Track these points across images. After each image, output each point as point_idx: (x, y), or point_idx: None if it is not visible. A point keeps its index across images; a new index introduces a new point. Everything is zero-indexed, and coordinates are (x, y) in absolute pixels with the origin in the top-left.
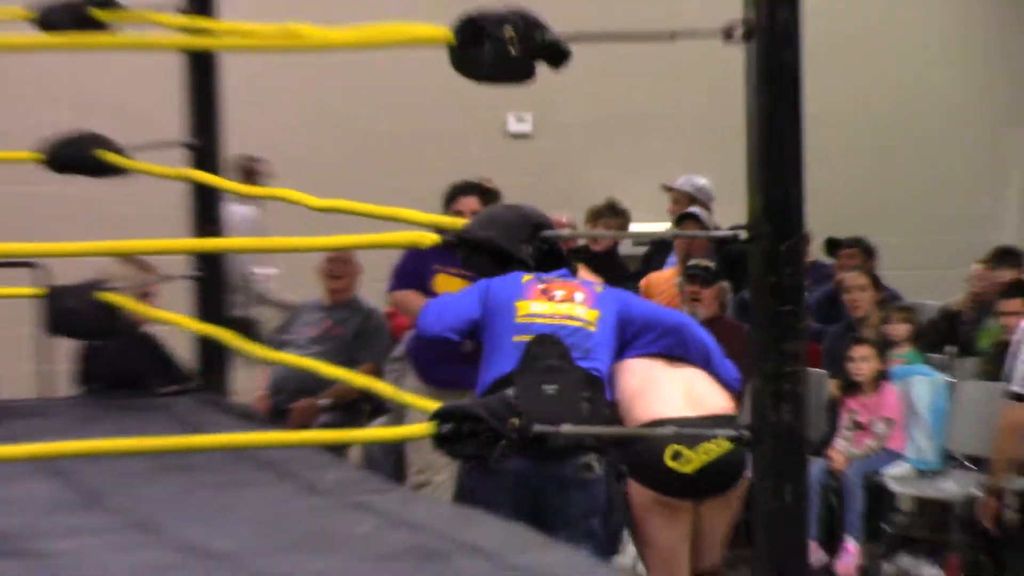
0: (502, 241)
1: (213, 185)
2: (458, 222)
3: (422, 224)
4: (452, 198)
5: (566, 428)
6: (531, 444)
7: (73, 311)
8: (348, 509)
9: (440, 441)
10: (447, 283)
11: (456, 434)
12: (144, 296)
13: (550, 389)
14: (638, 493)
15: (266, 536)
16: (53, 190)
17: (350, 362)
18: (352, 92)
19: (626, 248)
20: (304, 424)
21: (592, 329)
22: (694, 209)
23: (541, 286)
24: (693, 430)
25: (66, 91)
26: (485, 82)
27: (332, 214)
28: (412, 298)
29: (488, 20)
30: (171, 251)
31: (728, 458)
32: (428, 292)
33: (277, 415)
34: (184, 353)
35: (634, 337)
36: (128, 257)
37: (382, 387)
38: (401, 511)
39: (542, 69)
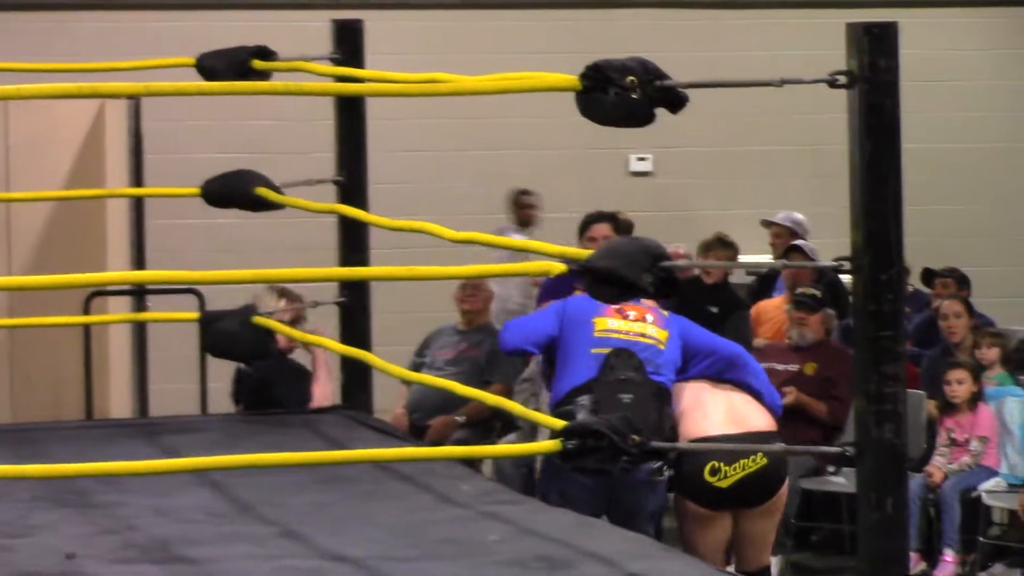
0: (623, 270)
1: (359, 218)
2: (583, 253)
3: (551, 255)
4: (586, 226)
5: (683, 445)
6: (650, 458)
7: (230, 334)
8: (480, 519)
9: (565, 456)
10: None
11: (580, 450)
12: (294, 322)
13: (626, 398)
14: (680, 503)
15: (403, 544)
16: (212, 223)
17: (483, 383)
18: (487, 133)
19: (736, 277)
20: (440, 440)
21: (662, 347)
22: (801, 242)
23: (616, 305)
24: (736, 446)
25: (226, 132)
26: (609, 125)
27: (467, 245)
28: None
29: (612, 69)
30: (319, 279)
31: (764, 472)
32: None
33: (416, 431)
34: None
35: (692, 360)
36: (278, 285)
37: (512, 406)
38: (529, 521)
39: (661, 112)
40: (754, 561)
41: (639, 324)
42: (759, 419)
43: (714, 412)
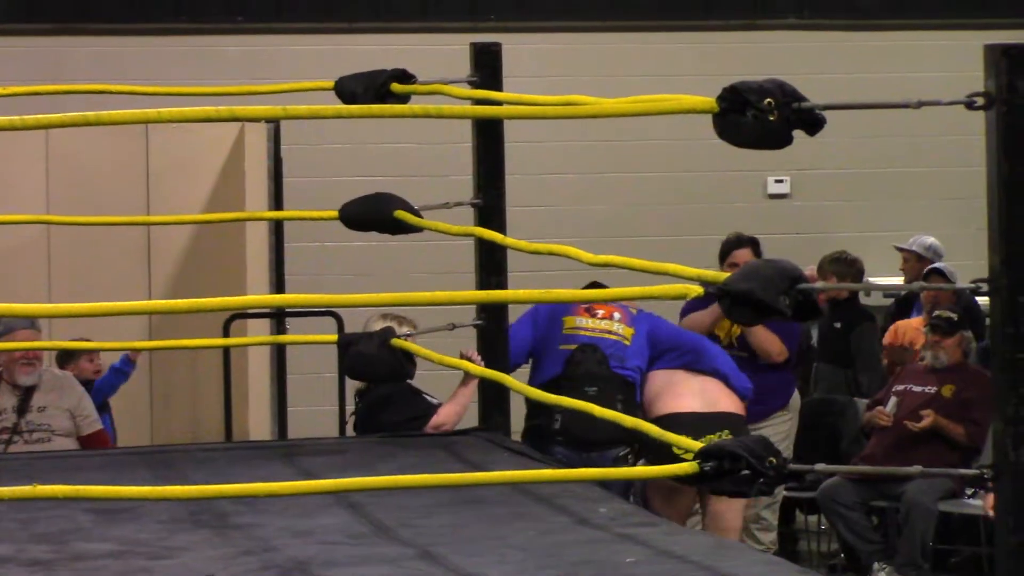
0: (761, 293)
1: (497, 241)
2: (721, 275)
3: (689, 278)
4: (728, 251)
5: (820, 467)
6: (786, 480)
7: (368, 357)
8: (617, 541)
9: (701, 478)
10: None
11: (718, 472)
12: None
13: (591, 391)
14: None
15: (540, 565)
16: (351, 246)
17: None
18: (625, 156)
19: (873, 300)
20: None
21: (627, 343)
22: (941, 264)
23: (585, 304)
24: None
25: (365, 155)
26: (746, 147)
27: (605, 268)
28: (698, 317)
29: (750, 91)
30: (457, 302)
31: None
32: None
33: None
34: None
35: (661, 353)
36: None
37: (650, 428)
38: (666, 543)
39: (798, 134)
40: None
41: (606, 321)
42: (728, 402)
43: (686, 392)
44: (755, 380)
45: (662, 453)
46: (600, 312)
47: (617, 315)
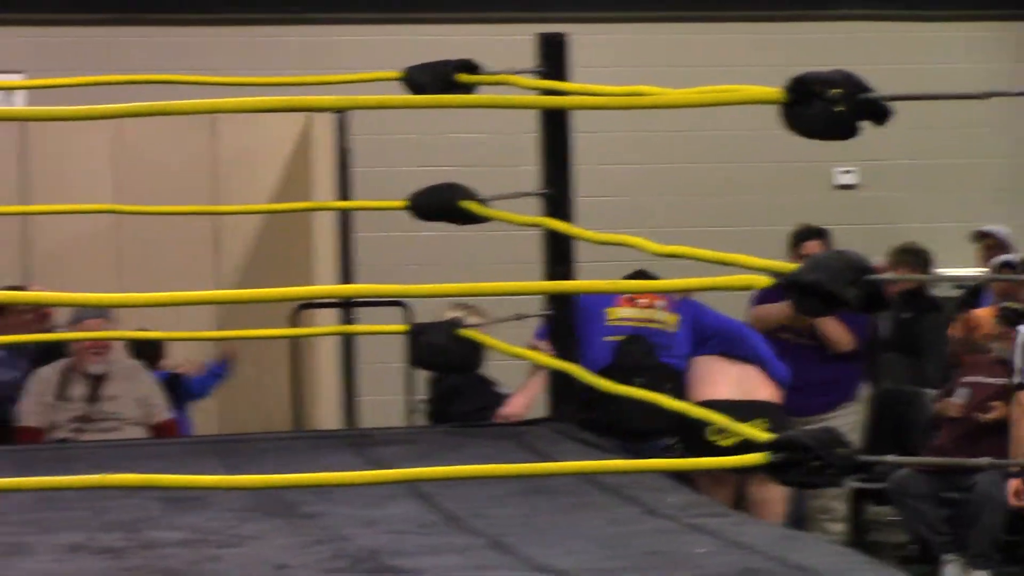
0: (829, 284)
1: (564, 231)
2: (789, 266)
3: (756, 268)
4: (798, 242)
5: (890, 458)
6: (856, 471)
7: (437, 346)
8: (686, 531)
9: (772, 469)
10: None
11: (787, 463)
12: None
13: (639, 381)
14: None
15: (609, 556)
16: (418, 236)
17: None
18: (692, 147)
19: (942, 291)
20: None
21: (672, 331)
22: (1010, 256)
23: (628, 294)
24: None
25: (432, 145)
26: (813, 138)
27: (673, 259)
28: (768, 308)
29: (816, 81)
30: (525, 292)
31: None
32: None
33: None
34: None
35: (705, 340)
36: (465, 300)
37: (718, 418)
38: (735, 533)
39: (866, 124)
40: None
41: (649, 310)
42: (765, 391)
43: (723, 380)
44: (823, 370)
45: (695, 440)
46: (642, 301)
47: (660, 303)
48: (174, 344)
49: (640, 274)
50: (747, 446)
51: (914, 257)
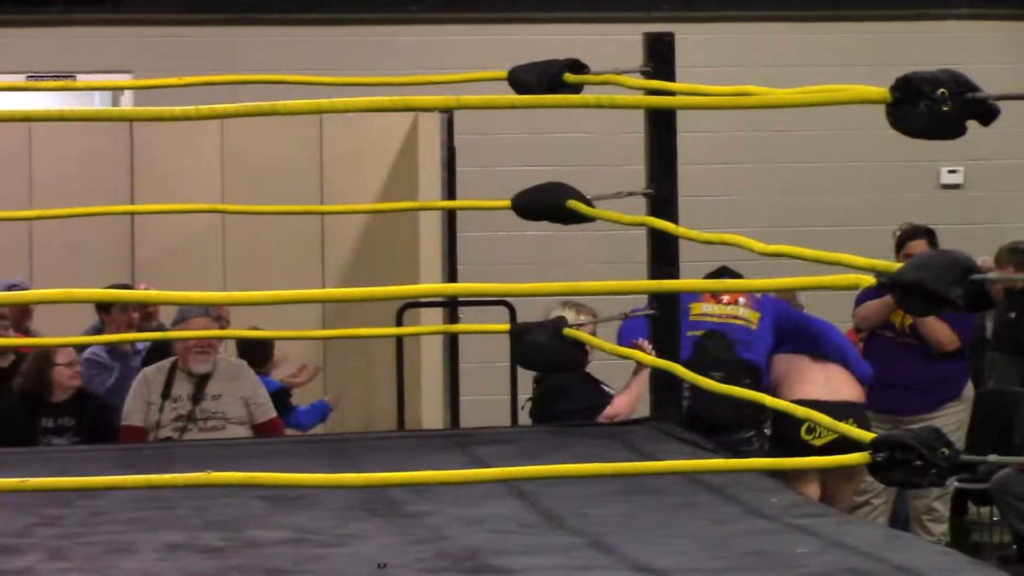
0: (933, 283)
1: (669, 231)
2: (893, 266)
3: (860, 268)
4: (904, 241)
5: (992, 458)
6: (958, 471)
7: (541, 346)
8: (788, 531)
9: (874, 469)
10: None
11: (890, 462)
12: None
13: (717, 375)
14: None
15: (711, 556)
16: (523, 235)
17: None
18: (798, 146)
19: None
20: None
21: (753, 327)
22: None
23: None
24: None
25: (537, 145)
26: (919, 137)
27: (777, 258)
28: (872, 306)
29: (923, 81)
30: (629, 291)
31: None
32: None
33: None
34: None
35: (787, 339)
36: (573, 299)
37: (820, 418)
38: (837, 533)
39: (972, 124)
40: None
41: (731, 307)
42: (850, 390)
43: (813, 379)
44: (927, 369)
45: (789, 438)
46: (725, 298)
47: (742, 300)
48: (288, 350)
49: (723, 271)
50: (839, 445)
51: (1020, 257)
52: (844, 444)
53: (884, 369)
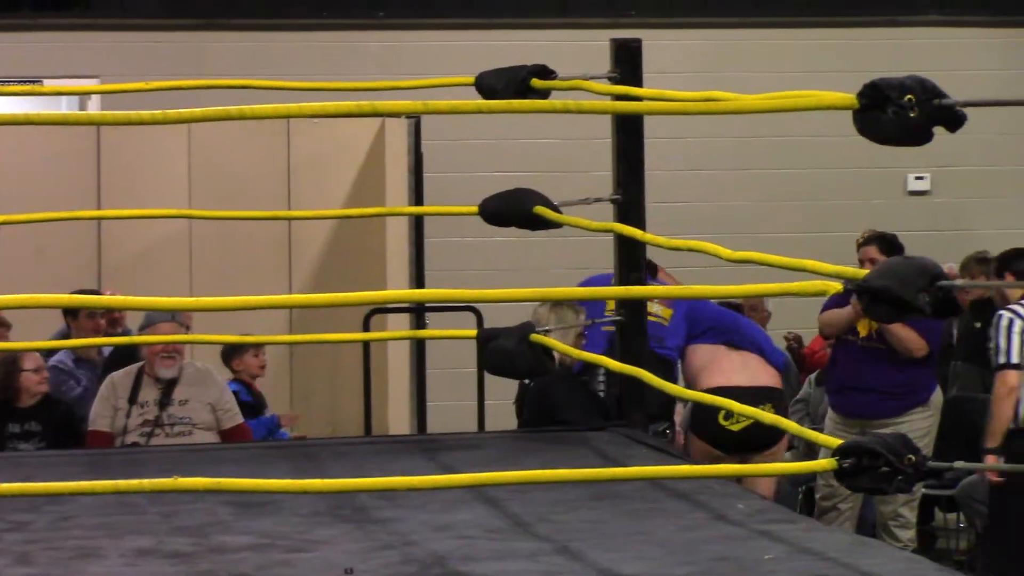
0: (899, 290)
1: (636, 237)
2: (860, 272)
3: (827, 275)
4: (859, 247)
5: (959, 464)
6: (925, 478)
7: (508, 352)
8: (755, 537)
9: (840, 475)
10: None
11: (856, 469)
12: (578, 338)
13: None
14: (696, 447)
15: (678, 561)
16: (490, 241)
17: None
18: (765, 153)
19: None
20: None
21: (665, 323)
22: None
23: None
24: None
25: (505, 151)
26: (886, 144)
27: (744, 264)
28: (835, 314)
29: (890, 87)
30: (596, 297)
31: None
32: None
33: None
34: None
35: (702, 332)
36: (560, 303)
37: (788, 424)
38: (804, 540)
39: (939, 130)
40: None
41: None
42: (768, 377)
43: (730, 367)
44: (894, 374)
45: (707, 424)
46: None
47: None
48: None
49: (650, 266)
50: (757, 429)
51: (986, 266)
52: (760, 429)
53: (851, 374)
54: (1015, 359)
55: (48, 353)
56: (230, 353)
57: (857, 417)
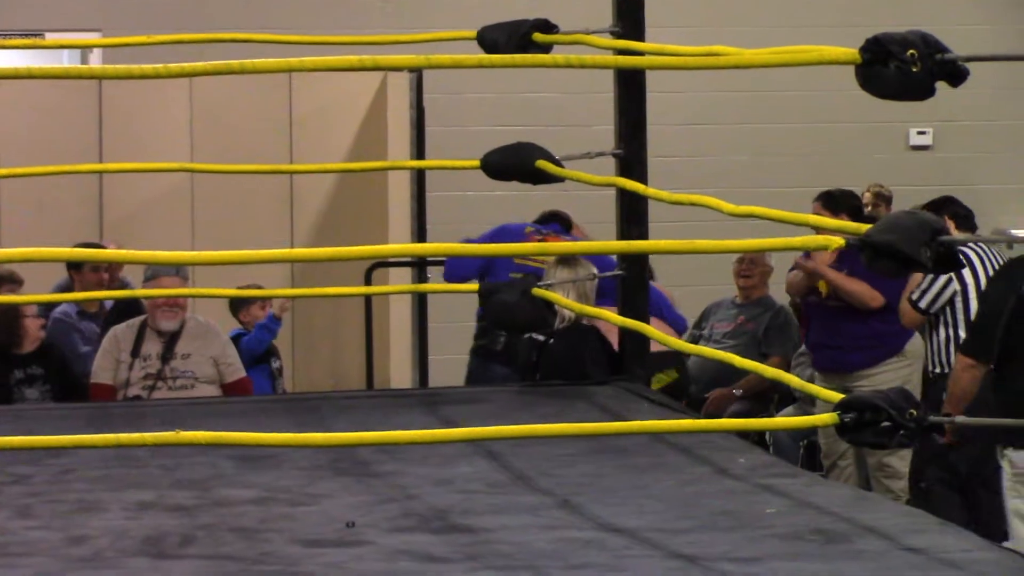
0: (902, 245)
1: (638, 191)
2: (862, 227)
3: (829, 229)
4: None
5: (960, 419)
6: (927, 431)
7: (510, 305)
8: (757, 491)
9: (842, 430)
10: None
11: (858, 423)
12: (584, 294)
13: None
14: None
15: (679, 515)
16: (492, 195)
17: (760, 355)
18: (767, 107)
19: (1019, 251)
20: (717, 412)
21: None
22: None
23: (538, 238)
24: None
25: (506, 105)
26: (889, 99)
27: (746, 219)
28: (791, 277)
29: (892, 42)
30: (598, 251)
31: (676, 384)
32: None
33: (692, 404)
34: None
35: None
36: (568, 257)
37: (790, 378)
38: (805, 494)
39: (941, 85)
40: None
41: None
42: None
43: None
44: (858, 328)
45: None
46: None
47: None
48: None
49: (553, 215)
50: (668, 389)
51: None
52: (667, 392)
53: (820, 331)
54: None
55: (50, 305)
56: (237, 305)
57: (833, 372)
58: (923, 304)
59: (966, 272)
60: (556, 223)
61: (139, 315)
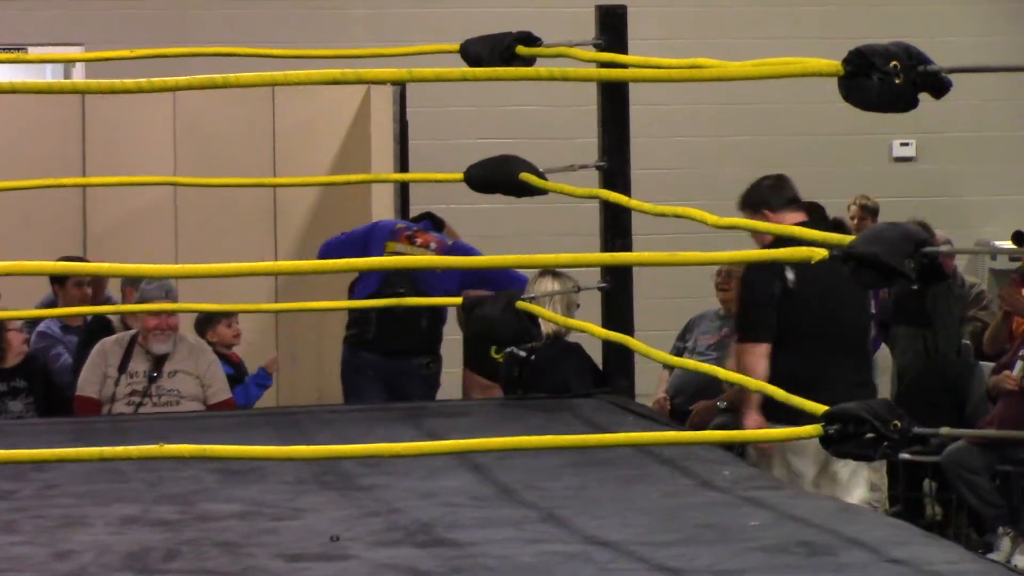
0: (886, 256)
1: (621, 203)
2: (845, 239)
3: (812, 241)
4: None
5: (944, 430)
6: (911, 442)
7: (492, 319)
8: (741, 504)
9: (826, 441)
10: None
11: (842, 435)
12: (569, 307)
13: (399, 308)
14: (468, 377)
15: (663, 528)
16: (476, 208)
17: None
18: (750, 119)
19: (1001, 264)
20: (702, 424)
21: (437, 270)
22: None
23: (408, 233)
24: None
25: (490, 118)
26: (871, 110)
27: (730, 231)
28: None
29: (875, 54)
30: (582, 264)
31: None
32: None
33: (677, 416)
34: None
35: (475, 282)
36: (552, 271)
37: (774, 391)
38: (790, 506)
39: (924, 97)
40: None
41: (422, 250)
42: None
43: None
44: None
45: (482, 358)
46: (419, 240)
47: (433, 244)
48: (240, 321)
49: (426, 214)
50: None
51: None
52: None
53: None
54: None
55: (35, 320)
56: (203, 324)
57: None
58: None
59: None
60: (427, 220)
61: (112, 333)
